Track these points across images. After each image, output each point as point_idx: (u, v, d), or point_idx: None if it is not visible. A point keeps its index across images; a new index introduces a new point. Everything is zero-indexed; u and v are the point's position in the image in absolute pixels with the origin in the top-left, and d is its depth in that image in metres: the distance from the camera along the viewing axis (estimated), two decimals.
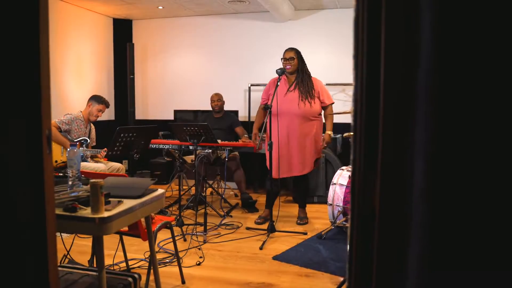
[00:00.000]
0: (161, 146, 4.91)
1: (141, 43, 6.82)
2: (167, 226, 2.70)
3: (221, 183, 5.55)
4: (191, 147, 4.62)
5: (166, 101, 6.76)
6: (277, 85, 3.87)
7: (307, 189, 4.41)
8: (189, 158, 5.15)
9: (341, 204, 3.71)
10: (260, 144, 4.22)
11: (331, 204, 3.77)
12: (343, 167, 4.00)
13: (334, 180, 3.81)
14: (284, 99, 4.02)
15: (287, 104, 4.02)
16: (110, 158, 4.16)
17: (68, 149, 1.86)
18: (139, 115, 6.83)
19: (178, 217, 3.99)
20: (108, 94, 6.68)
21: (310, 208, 4.65)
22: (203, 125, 4.35)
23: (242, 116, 6.22)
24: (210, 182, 5.57)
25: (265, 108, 3.73)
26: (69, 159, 1.85)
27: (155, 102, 6.86)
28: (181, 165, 3.93)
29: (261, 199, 5.41)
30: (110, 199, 1.89)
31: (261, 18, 6.24)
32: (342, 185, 3.75)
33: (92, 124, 4.69)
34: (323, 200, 5.11)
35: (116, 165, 4.49)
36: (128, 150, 3.99)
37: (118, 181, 2.12)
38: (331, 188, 3.79)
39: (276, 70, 3.91)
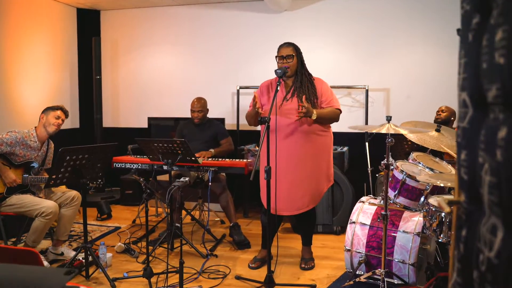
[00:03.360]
0: (128, 166, 3.93)
1: (111, 37, 5.80)
2: None
3: (204, 207, 4.59)
4: (165, 167, 3.65)
5: (140, 106, 5.76)
6: (276, 90, 2.90)
7: (313, 225, 3.47)
8: (165, 177, 4.18)
9: (363, 251, 2.78)
10: (258, 162, 3.25)
11: (349, 250, 2.83)
12: (363, 198, 3.06)
13: (353, 217, 2.87)
14: (280, 111, 3.06)
15: (284, 117, 3.06)
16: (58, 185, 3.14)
17: None
18: (108, 122, 5.81)
19: (146, 264, 3.02)
20: (71, 98, 5.65)
21: (314, 241, 3.65)
22: (179, 142, 3.40)
23: (230, 124, 5.26)
24: (191, 205, 4.60)
25: (261, 122, 2.77)
26: None
27: (127, 107, 5.85)
28: (148, 196, 2.96)
29: (252, 226, 4.47)
30: None
31: (251, 8, 5.27)
32: (364, 224, 2.81)
33: (51, 143, 3.62)
34: (328, 229, 4.18)
35: (70, 193, 3.48)
36: (79, 177, 3.00)
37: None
38: (349, 228, 2.85)
39: (276, 71, 2.95)
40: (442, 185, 2.18)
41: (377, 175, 4.32)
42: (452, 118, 4.06)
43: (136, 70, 5.77)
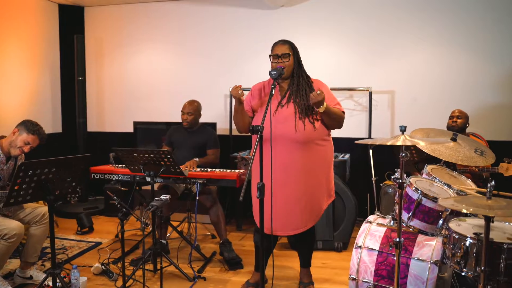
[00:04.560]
0: (107, 176, 3.55)
1: (95, 36, 5.42)
2: None
3: (192, 219, 4.20)
4: (148, 179, 3.28)
5: (127, 110, 5.38)
6: (271, 94, 2.53)
7: (313, 244, 3.09)
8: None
9: (371, 280, 2.41)
10: (250, 172, 2.86)
11: (354, 279, 2.46)
12: (370, 217, 2.68)
13: (359, 240, 2.50)
14: (274, 118, 2.68)
15: (279, 125, 2.68)
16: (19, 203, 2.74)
17: None
18: (92, 126, 5.44)
19: None
20: (52, 100, 5.27)
21: (314, 260, 3.25)
22: (162, 152, 3.03)
23: (222, 128, 4.89)
24: (180, 217, 4.23)
25: (253, 131, 2.40)
26: None
27: (113, 110, 5.46)
28: (123, 216, 2.59)
29: (246, 241, 4.10)
30: None
31: (246, 4, 4.90)
32: (372, 250, 2.44)
33: (23, 157, 3.14)
34: (329, 246, 3.81)
35: (41, 210, 3.10)
36: (45, 193, 2.62)
37: None
38: (355, 253, 2.48)
39: (270, 72, 2.57)
40: (468, 212, 1.79)
41: (381, 184, 3.96)
42: (467, 124, 3.68)
43: (122, 70, 5.38)
